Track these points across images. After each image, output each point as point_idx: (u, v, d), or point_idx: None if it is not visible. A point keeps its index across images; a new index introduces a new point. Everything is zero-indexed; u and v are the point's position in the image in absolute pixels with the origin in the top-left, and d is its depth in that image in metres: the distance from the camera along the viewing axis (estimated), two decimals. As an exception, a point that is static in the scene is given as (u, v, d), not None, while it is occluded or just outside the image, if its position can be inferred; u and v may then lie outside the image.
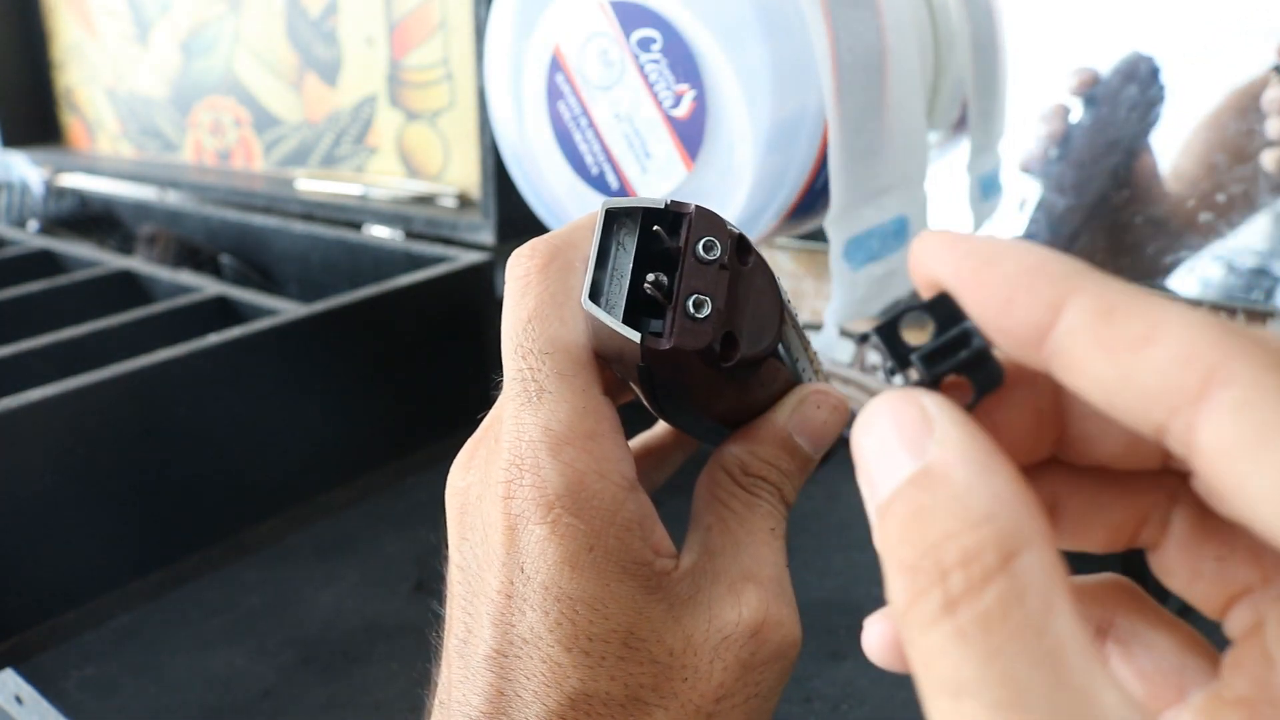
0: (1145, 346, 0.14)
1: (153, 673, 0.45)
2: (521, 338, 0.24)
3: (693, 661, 0.24)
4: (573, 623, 0.23)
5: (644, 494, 0.25)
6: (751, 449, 0.26)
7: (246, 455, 0.56)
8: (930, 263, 0.17)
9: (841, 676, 0.44)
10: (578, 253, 0.25)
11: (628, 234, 0.24)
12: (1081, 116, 0.51)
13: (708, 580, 0.25)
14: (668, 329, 0.23)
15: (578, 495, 0.23)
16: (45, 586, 0.49)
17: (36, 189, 1.06)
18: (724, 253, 0.23)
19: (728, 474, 0.26)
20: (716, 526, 0.26)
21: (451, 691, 0.25)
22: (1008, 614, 0.14)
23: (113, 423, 0.50)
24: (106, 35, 1.02)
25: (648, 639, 0.23)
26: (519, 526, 0.23)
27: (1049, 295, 0.15)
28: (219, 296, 0.66)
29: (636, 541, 0.24)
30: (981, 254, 0.16)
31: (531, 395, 0.24)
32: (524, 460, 0.24)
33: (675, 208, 0.24)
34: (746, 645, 0.24)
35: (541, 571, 0.23)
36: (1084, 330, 0.15)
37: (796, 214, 0.46)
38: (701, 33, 0.42)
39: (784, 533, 0.26)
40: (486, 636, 0.24)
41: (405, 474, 0.63)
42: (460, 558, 0.25)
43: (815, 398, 0.27)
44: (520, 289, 0.25)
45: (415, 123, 0.79)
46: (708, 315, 0.23)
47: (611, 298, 0.24)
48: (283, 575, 0.53)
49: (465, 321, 0.66)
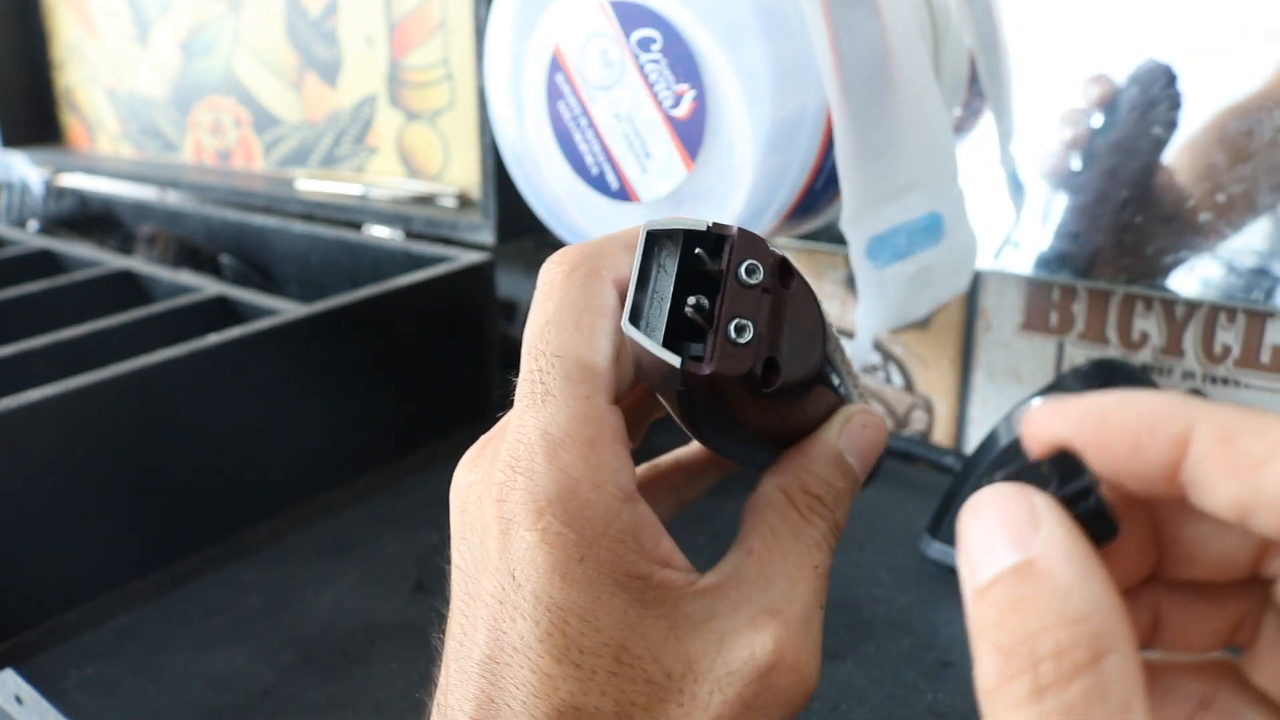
0: (1268, 464, 0.16)
1: (153, 673, 0.45)
2: (537, 340, 0.24)
3: (691, 688, 0.23)
4: (564, 634, 0.22)
5: (644, 506, 0.24)
6: (808, 468, 0.26)
7: (246, 455, 0.56)
8: (1050, 430, 0.19)
9: (841, 676, 0.44)
10: (605, 262, 0.25)
11: (669, 255, 0.24)
12: (1102, 124, 0.51)
13: (728, 606, 0.24)
14: (709, 354, 0.22)
15: (569, 502, 0.23)
16: (45, 586, 0.49)
17: (36, 189, 1.06)
18: (766, 276, 0.23)
19: (784, 494, 0.26)
20: (759, 551, 0.25)
21: (448, 694, 0.25)
22: (1090, 708, 0.15)
23: (113, 423, 0.50)
24: (106, 35, 1.02)
25: (642, 656, 0.23)
26: (510, 530, 0.23)
27: (1173, 433, 0.18)
28: (219, 296, 0.66)
29: (630, 554, 0.23)
30: (1100, 411, 0.19)
31: (536, 397, 0.24)
32: (519, 462, 0.23)
33: (718, 230, 0.23)
34: (752, 684, 0.23)
35: (532, 580, 0.23)
36: (1211, 457, 0.17)
37: (796, 214, 0.46)
38: (701, 33, 0.42)
39: (827, 573, 0.25)
40: (480, 642, 0.24)
41: (405, 474, 0.63)
42: (459, 558, 0.25)
43: (861, 417, 0.27)
44: (544, 294, 0.25)
45: (415, 123, 0.79)
46: (749, 340, 0.22)
47: (652, 320, 0.23)
48: (283, 575, 0.53)
49: (465, 321, 0.66)
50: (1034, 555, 0.17)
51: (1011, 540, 0.17)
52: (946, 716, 0.41)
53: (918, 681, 0.43)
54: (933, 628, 0.47)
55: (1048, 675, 0.16)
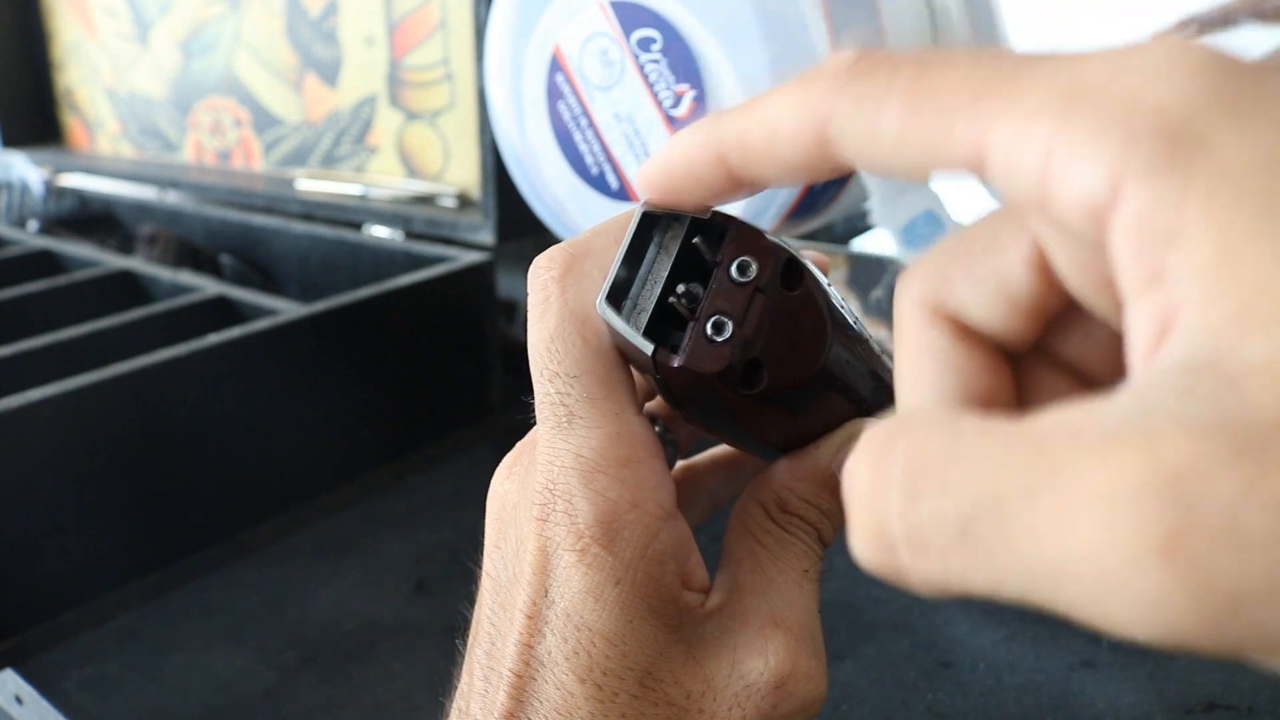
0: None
1: (153, 673, 0.45)
2: (547, 360, 0.24)
3: (710, 706, 0.23)
4: (589, 654, 0.22)
5: (683, 522, 0.24)
6: (791, 484, 0.25)
7: (246, 455, 0.56)
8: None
9: (842, 677, 0.44)
10: (595, 261, 0.24)
11: (674, 238, 0.23)
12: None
13: (735, 622, 0.24)
14: (683, 346, 0.22)
15: (609, 527, 0.22)
16: (45, 586, 0.49)
17: (36, 189, 1.06)
18: (760, 275, 0.22)
19: (763, 508, 0.25)
20: (747, 562, 0.25)
21: (470, 702, 0.24)
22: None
23: (113, 423, 0.50)
24: (106, 35, 1.02)
25: (665, 680, 0.23)
26: (550, 550, 0.23)
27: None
28: (219, 296, 0.66)
29: (668, 576, 0.23)
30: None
31: (562, 421, 0.23)
32: (556, 486, 0.23)
33: (719, 220, 0.22)
34: (769, 697, 0.23)
35: (565, 598, 0.23)
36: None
37: (797, 214, 0.46)
38: (701, 33, 0.42)
39: (818, 575, 0.25)
40: (509, 654, 0.23)
41: (405, 474, 0.63)
42: (492, 566, 0.25)
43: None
44: (540, 304, 0.24)
45: (415, 123, 0.79)
46: (727, 338, 0.22)
47: (641, 302, 0.23)
48: (283, 575, 0.53)
49: (465, 321, 0.66)
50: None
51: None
52: (946, 716, 0.41)
53: (918, 682, 0.43)
54: (933, 628, 0.47)
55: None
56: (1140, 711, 0.41)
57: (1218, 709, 0.41)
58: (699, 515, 0.30)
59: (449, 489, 0.60)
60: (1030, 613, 0.47)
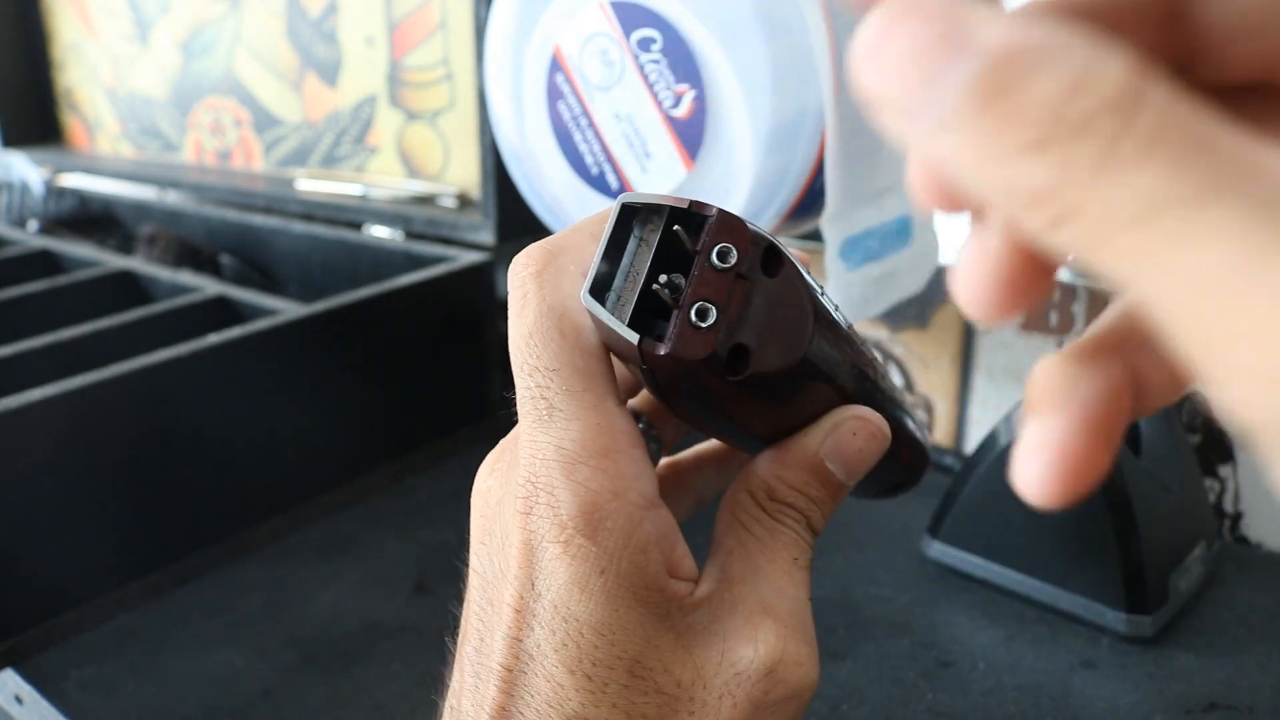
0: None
1: (153, 673, 0.45)
2: (526, 354, 0.24)
3: (701, 695, 0.23)
4: (578, 645, 0.22)
5: (666, 511, 0.24)
6: (779, 473, 0.25)
7: (246, 455, 0.56)
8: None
9: (841, 676, 0.44)
10: (572, 257, 0.24)
11: (653, 230, 0.23)
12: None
13: (724, 610, 0.24)
14: (669, 334, 0.22)
15: (591, 517, 0.23)
16: (45, 586, 0.49)
17: (36, 189, 1.06)
18: (741, 262, 0.22)
19: (751, 497, 0.25)
20: (737, 551, 0.25)
21: (462, 699, 0.24)
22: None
23: (113, 423, 0.50)
24: (106, 35, 1.02)
25: (654, 668, 0.23)
26: (535, 543, 0.23)
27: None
28: (219, 296, 0.66)
29: (653, 564, 0.23)
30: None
31: (542, 414, 0.23)
32: (539, 479, 0.23)
33: (697, 209, 0.23)
34: (760, 684, 0.23)
35: (551, 590, 0.23)
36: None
37: (797, 214, 0.46)
38: (701, 33, 0.42)
39: (808, 564, 0.25)
40: (497, 649, 0.24)
41: (405, 474, 0.63)
42: (478, 562, 0.25)
43: (852, 423, 0.25)
44: (519, 300, 0.24)
45: (415, 123, 0.79)
46: (711, 324, 0.22)
47: (624, 294, 0.23)
48: (283, 575, 0.53)
49: (465, 321, 0.66)
50: (989, 44, 0.13)
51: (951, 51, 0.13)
52: (946, 716, 0.41)
53: (918, 681, 0.43)
54: (933, 628, 0.47)
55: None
56: (1140, 711, 0.41)
57: (1218, 709, 0.41)
58: (684, 511, 0.30)
59: (449, 489, 0.60)
60: (1030, 613, 0.47)
